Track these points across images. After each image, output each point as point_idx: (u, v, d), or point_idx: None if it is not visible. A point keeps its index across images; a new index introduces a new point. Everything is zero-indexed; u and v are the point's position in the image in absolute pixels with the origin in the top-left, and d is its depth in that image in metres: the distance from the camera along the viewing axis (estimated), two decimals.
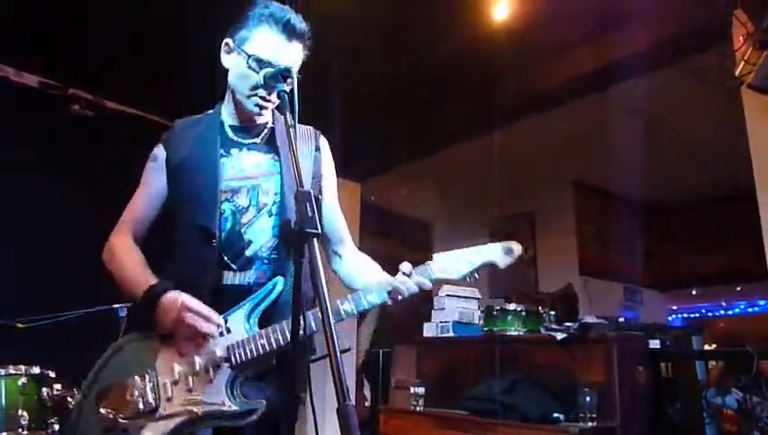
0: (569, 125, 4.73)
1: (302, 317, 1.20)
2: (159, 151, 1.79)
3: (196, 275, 1.60)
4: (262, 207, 1.66)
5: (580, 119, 4.62)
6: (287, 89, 1.44)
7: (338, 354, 0.98)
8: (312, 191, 1.20)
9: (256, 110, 1.67)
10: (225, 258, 1.61)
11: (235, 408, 1.50)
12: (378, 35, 3.68)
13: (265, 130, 1.75)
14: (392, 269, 1.69)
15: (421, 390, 3.61)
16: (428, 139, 5.01)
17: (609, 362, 3.00)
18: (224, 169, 1.66)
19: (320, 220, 1.47)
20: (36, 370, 2.62)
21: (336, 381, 0.94)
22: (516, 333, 3.46)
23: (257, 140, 1.73)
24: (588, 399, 2.91)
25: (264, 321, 1.58)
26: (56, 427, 2.60)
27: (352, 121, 4.59)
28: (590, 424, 2.86)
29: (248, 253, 1.62)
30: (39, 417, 2.55)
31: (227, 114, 1.77)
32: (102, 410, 1.55)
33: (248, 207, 1.65)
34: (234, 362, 1.52)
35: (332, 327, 1.01)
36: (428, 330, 3.89)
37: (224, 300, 1.57)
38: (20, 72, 4.00)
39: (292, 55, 1.63)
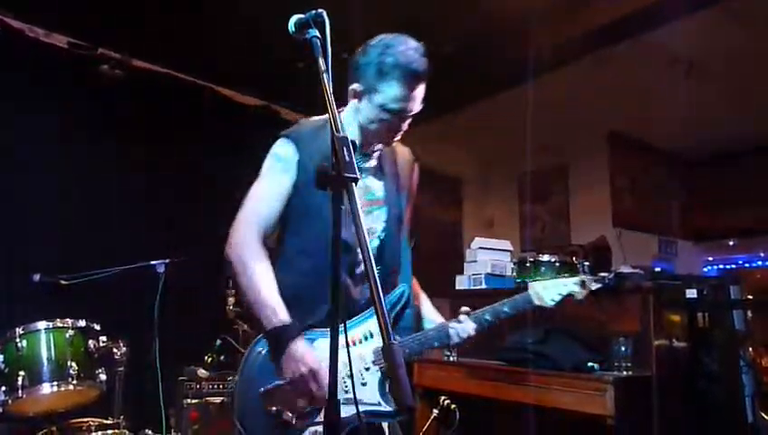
0: (603, 75, 4.59)
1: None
2: (290, 151, 1.77)
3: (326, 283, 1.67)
4: (373, 230, 1.81)
5: (614, 68, 4.48)
6: (319, 35, 1.42)
7: (381, 296, 0.98)
8: (347, 136, 1.18)
9: (390, 143, 1.82)
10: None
11: (389, 408, 1.65)
12: None
13: (376, 153, 1.85)
14: (422, 226, 1.83)
15: None
16: (458, 93, 4.92)
17: (645, 312, 2.97)
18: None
19: (399, 233, 1.87)
20: (82, 323, 2.71)
21: (380, 322, 0.95)
22: None
23: (370, 165, 1.84)
24: (623, 348, 2.90)
25: (393, 324, 1.73)
26: (103, 377, 2.70)
27: None
28: (624, 373, 2.86)
29: (358, 271, 1.75)
30: (87, 367, 2.64)
31: (351, 132, 1.76)
32: (273, 408, 1.63)
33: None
34: (380, 368, 1.67)
35: (374, 270, 1.01)
36: (461, 282, 3.90)
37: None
38: (49, 32, 4.02)
39: (420, 97, 1.74)
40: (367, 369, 1.68)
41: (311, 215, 1.72)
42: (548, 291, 1.97)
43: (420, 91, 1.72)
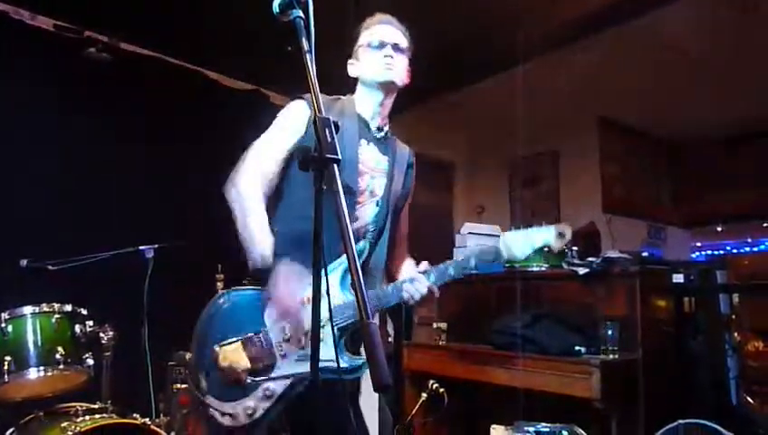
0: (594, 60, 4.58)
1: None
2: (303, 108, 1.91)
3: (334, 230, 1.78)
4: (374, 195, 1.94)
5: (605, 53, 4.47)
6: (303, 15, 1.40)
7: (360, 275, 0.98)
8: (330, 117, 1.18)
9: (389, 75, 1.94)
10: None
11: (344, 365, 1.70)
12: None
13: (386, 132, 2.02)
14: (412, 211, 2.12)
15: (444, 325, 3.66)
16: (449, 78, 4.91)
17: (632, 296, 2.99)
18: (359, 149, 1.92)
19: (397, 224, 2.04)
20: (69, 307, 2.68)
21: (358, 301, 0.95)
22: (538, 269, 3.46)
23: (380, 137, 1.99)
24: (610, 332, 2.92)
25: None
26: (90, 362, 2.68)
27: None
28: (611, 357, 2.88)
29: (355, 226, 1.86)
30: (74, 352, 2.62)
31: (360, 107, 1.99)
32: (225, 365, 1.70)
33: (364, 191, 1.91)
34: (338, 324, 1.71)
35: (354, 249, 1.01)
36: None
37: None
38: (35, 15, 3.96)
39: (397, 33, 2.01)
40: (322, 326, 1.67)
41: None
42: (520, 243, 1.88)
43: (393, 28, 2.02)
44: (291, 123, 1.89)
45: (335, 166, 1.12)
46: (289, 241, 1.75)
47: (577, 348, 2.96)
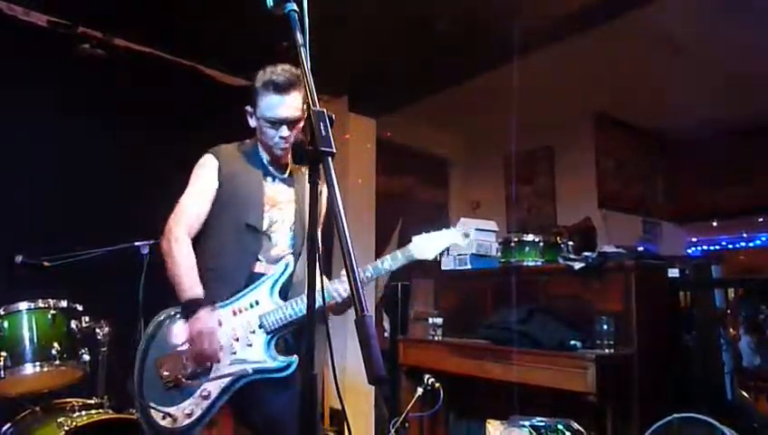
0: (589, 55, 4.58)
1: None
2: (210, 160, 2.19)
3: (239, 261, 2.09)
4: (286, 221, 2.19)
5: (600, 48, 4.48)
6: (297, 8, 1.40)
7: (356, 270, 0.98)
8: (325, 110, 1.17)
9: (280, 152, 2.16)
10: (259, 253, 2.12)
11: (274, 364, 1.97)
12: None
13: (288, 169, 2.25)
14: (408, 208, 2.02)
15: (439, 320, 3.67)
16: (444, 74, 4.90)
17: (628, 291, 3.00)
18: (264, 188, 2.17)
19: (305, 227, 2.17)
20: (64, 303, 2.67)
21: (354, 295, 0.95)
22: (534, 264, 3.47)
23: (284, 176, 2.24)
24: (605, 326, 2.93)
25: (283, 296, 2.06)
26: (86, 357, 2.67)
27: (367, 56, 4.50)
28: (606, 351, 2.89)
29: (273, 252, 2.13)
30: (70, 348, 2.61)
31: (262, 152, 2.22)
32: (165, 373, 1.93)
33: (276, 220, 2.16)
34: (267, 328, 1.99)
35: (350, 244, 1.00)
36: (446, 263, 3.91)
37: (252, 283, 2.08)
38: (28, 10, 3.94)
39: (292, 105, 2.06)
40: (253, 332, 1.99)
41: (227, 209, 2.11)
42: (431, 244, 2.11)
43: (288, 99, 2.05)
44: (205, 172, 2.15)
45: (330, 159, 1.11)
46: (210, 276, 2.04)
47: (572, 342, 2.97)
